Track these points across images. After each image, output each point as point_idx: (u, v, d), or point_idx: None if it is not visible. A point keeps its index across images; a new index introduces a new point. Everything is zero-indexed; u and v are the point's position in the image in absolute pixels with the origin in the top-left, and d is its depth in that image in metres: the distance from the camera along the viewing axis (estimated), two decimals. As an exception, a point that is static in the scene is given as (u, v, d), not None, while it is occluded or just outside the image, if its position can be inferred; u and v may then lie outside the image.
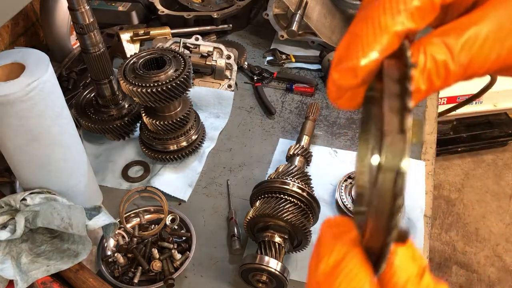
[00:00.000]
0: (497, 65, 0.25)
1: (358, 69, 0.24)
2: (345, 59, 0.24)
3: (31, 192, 0.65)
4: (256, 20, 1.19)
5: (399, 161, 0.21)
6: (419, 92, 0.24)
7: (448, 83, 0.24)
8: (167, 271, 0.66)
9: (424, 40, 0.24)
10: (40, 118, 0.60)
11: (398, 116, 0.21)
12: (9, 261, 0.61)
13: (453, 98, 1.78)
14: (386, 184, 0.21)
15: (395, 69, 0.23)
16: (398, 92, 0.22)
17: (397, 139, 0.21)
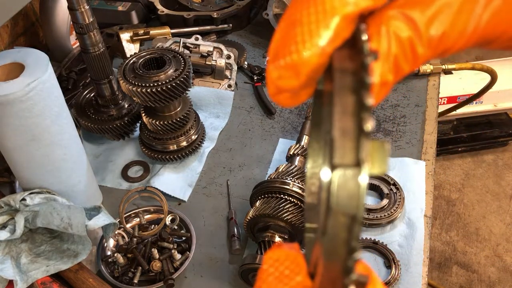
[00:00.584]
0: (475, 38, 0.21)
1: (300, 66, 0.18)
2: (283, 53, 0.19)
3: (30, 192, 0.65)
4: (256, 20, 1.19)
5: (355, 204, 0.16)
6: (386, 85, 0.20)
7: (417, 64, 0.20)
8: (167, 271, 0.66)
9: (384, 15, 0.19)
10: (39, 118, 0.60)
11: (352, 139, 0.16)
12: (9, 261, 0.61)
13: (454, 98, 1.77)
14: (338, 232, 0.17)
15: (348, 60, 0.18)
16: (353, 87, 0.17)
17: (351, 176, 0.16)
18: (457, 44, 0.21)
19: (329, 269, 0.18)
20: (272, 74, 0.19)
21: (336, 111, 0.17)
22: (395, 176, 0.78)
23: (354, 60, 0.18)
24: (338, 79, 0.18)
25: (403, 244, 0.70)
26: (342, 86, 0.17)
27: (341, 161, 0.16)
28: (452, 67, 1.02)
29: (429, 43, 0.20)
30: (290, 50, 0.18)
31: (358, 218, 0.17)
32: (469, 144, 1.96)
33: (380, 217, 0.72)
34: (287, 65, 0.19)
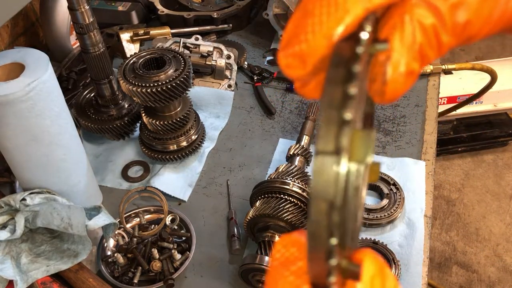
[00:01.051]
0: (501, 24, 0.20)
1: (307, 56, 0.19)
2: (293, 42, 0.19)
3: (31, 192, 0.65)
4: (256, 20, 1.19)
5: (333, 190, 0.16)
6: (412, 74, 0.20)
7: (442, 52, 0.20)
8: (167, 271, 0.66)
9: (407, 4, 0.19)
10: (39, 118, 0.60)
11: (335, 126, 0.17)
12: (9, 261, 0.61)
13: (453, 98, 1.77)
14: (319, 217, 0.17)
15: (347, 50, 0.18)
16: (343, 77, 0.17)
17: (329, 164, 0.16)
18: (483, 31, 0.20)
19: (314, 254, 0.18)
20: (281, 62, 0.20)
21: (324, 101, 0.17)
22: (395, 176, 0.78)
23: (352, 50, 0.18)
24: (330, 70, 0.18)
25: (403, 244, 0.70)
26: (332, 76, 0.18)
27: (322, 148, 0.17)
28: (452, 67, 1.02)
29: (453, 31, 0.20)
30: (299, 39, 0.19)
31: (337, 205, 0.17)
32: (469, 144, 1.96)
33: (380, 217, 0.72)
34: (295, 54, 0.19)
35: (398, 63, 0.19)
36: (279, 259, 0.21)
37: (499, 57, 2.15)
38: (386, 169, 0.81)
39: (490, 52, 2.47)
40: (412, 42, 0.19)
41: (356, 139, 0.17)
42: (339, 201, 0.17)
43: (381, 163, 0.82)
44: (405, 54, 0.19)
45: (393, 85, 0.20)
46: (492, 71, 1.15)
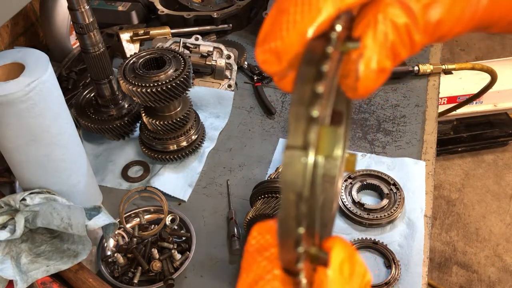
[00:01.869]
0: (472, 24, 0.21)
1: (282, 52, 0.19)
2: (269, 39, 0.20)
3: (30, 192, 0.65)
4: (256, 19, 1.19)
5: (300, 182, 0.17)
6: (384, 71, 0.20)
7: (415, 50, 0.21)
8: (167, 271, 0.66)
9: (381, 3, 0.20)
10: (39, 118, 0.60)
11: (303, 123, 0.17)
12: (9, 261, 0.61)
13: (453, 98, 1.78)
14: (288, 208, 0.18)
15: (317, 48, 0.18)
16: (311, 77, 0.18)
17: (297, 158, 0.17)
18: (454, 30, 0.21)
19: (284, 242, 0.19)
20: (258, 57, 0.21)
21: (294, 97, 0.18)
22: (395, 176, 0.78)
23: (322, 48, 0.18)
24: (300, 67, 0.18)
25: (403, 244, 0.70)
26: (302, 74, 0.18)
27: (291, 143, 0.18)
28: (452, 67, 1.02)
29: (425, 30, 0.20)
30: (275, 36, 0.20)
31: (304, 196, 0.18)
32: (469, 144, 1.96)
33: (380, 217, 0.72)
34: (271, 50, 0.20)
35: (370, 60, 0.20)
36: (254, 245, 0.22)
37: (499, 57, 2.15)
38: (386, 169, 0.81)
39: (490, 52, 2.47)
40: (385, 40, 0.20)
41: (323, 134, 0.18)
42: (307, 193, 0.18)
43: (382, 163, 0.82)
44: (377, 51, 0.20)
45: (364, 81, 0.20)
46: (492, 71, 1.15)
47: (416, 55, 1.05)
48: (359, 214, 0.73)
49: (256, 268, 0.21)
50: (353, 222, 0.73)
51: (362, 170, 0.79)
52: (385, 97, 0.97)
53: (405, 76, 0.99)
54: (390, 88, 0.98)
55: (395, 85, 0.99)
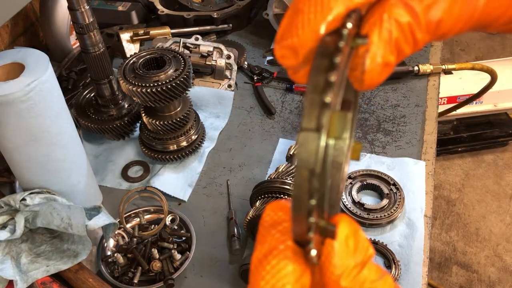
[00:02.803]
0: (471, 23, 0.23)
1: (299, 48, 0.22)
2: (286, 36, 0.22)
3: (30, 192, 0.65)
4: (256, 20, 1.19)
5: (313, 160, 0.20)
6: (388, 65, 0.22)
7: (418, 47, 0.23)
8: (167, 271, 0.66)
9: (386, 3, 0.22)
10: (39, 118, 0.60)
11: (317, 109, 0.20)
12: (9, 261, 0.61)
13: (454, 98, 1.78)
14: (302, 183, 0.20)
15: (330, 43, 0.21)
16: (324, 68, 0.20)
17: (311, 138, 0.20)
18: (454, 29, 0.23)
19: (296, 213, 0.21)
20: (277, 53, 0.23)
21: (309, 86, 0.21)
22: (395, 176, 0.78)
23: (335, 43, 0.21)
24: (315, 60, 0.21)
25: (403, 244, 0.70)
26: (317, 66, 0.21)
27: (306, 126, 0.20)
28: (452, 67, 1.02)
29: (427, 28, 0.22)
30: (292, 33, 0.22)
31: (316, 172, 0.20)
32: (469, 144, 1.96)
33: (380, 217, 0.72)
34: (288, 46, 0.22)
35: (376, 55, 0.22)
36: (268, 221, 0.24)
37: (499, 57, 2.15)
38: (386, 169, 0.81)
39: (490, 52, 2.47)
40: (389, 38, 0.22)
41: (334, 118, 0.20)
42: (319, 169, 0.20)
43: (382, 163, 0.82)
44: (382, 47, 0.22)
45: (370, 74, 0.22)
46: (492, 71, 1.15)
47: (416, 55, 1.05)
48: (359, 214, 0.73)
49: (270, 240, 0.23)
50: (353, 222, 0.73)
51: (362, 170, 0.79)
52: (385, 97, 0.97)
53: (405, 76, 0.99)
54: (390, 88, 0.98)
55: (395, 85, 0.99)
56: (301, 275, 0.22)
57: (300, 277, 0.22)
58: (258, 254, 0.23)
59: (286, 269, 0.22)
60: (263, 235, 0.24)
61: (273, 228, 0.24)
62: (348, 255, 0.22)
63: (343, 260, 0.22)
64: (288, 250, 0.23)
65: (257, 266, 0.23)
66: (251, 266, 0.24)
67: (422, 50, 1.07)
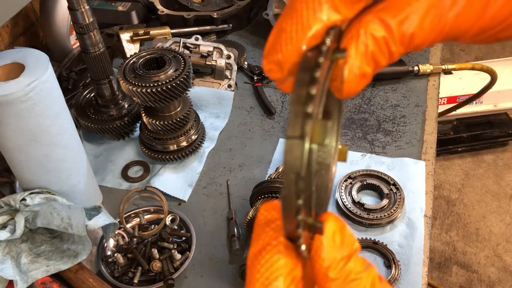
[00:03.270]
0: (442, 36, 0.25)
1: (283, 63, 0.24)
2: (272, 52, 0.25)
3: (31, 192, 0.65)
4: (256, 20, 1.19)
5: (299, 165, 0.22)
6: (365, 76, 0.24)
7: (393, 58, 0.25)
8: (167, 271, 0.66)
9: (362, 19, 0.24)
10: (39, 118, 0.60)
11: (300, 118, 0.22)
12: (9, 261, 0.61)
13: (453, 98, 1.78)
14: (289, 185, 0.22)
15: (311, 58, 0.23)
16: (306, 81, 0.22)
17: (296, 146, 0.22)
18: (427, 41, 0.25)
19: (286, 213, 0.23)
20: (264, 67, 0.26)
21: (292, 98, 0.23)
22: (395, 176, 0.78)
23: (316, 58, 0.23)
24: (298, 74, 0.23)
25: (403, 244, 0.70)
26: (299, 80, 0.23)
27: (291, 134, 0.22)
28: (452, 67, 1.02)
29: (401, 41, 0.24)
30: (276, 50, 0.25)
31: (302, 175, 0.22)
32: (469, 144, 1.96)
33: (380, 217, 0.72)
34: (274, 61, 0.25)
35: (353, 66, 0.24)
36: (262, 220, 0.26)
37: (499, 57, 2.15)
38: (386, 169, 0.81)
39: (490, 52, 2.47)
40: (366, 51, 0.24)
41: (316, 127, 0.23)
42: (304, 172, 0.22)
43: (382, 163, 0.82)
44: (359, 60, 0.24)
45: (348, 84, 0.25)
46: (492, 71, 1.15)
47: (416, 55, 1.05)
48: (359, 214, 0.73)
49: (264, 237, 0.25)
50: (353, 222, 0.73)
51: (362, 170, 0.79)
52: (385, 97, 0.97)
53: (405, 76, 0.99)
54: (390, 88, 0.98)
55: (395, 85, 0.99)
56: (293, 268, 0.24)
57: (292, 270, 0.24)
58: (254, 250, 0.25)
59: (279, 262, 0.24)
60: (258, 232, 0.26)
61: (267, 226, 0.26)
62: (335, 249, 0.24)
63: (330, 253, 0.24)
64: (281, 245, 0.25)
65: (253, 261, 0.25)
66: (248, 261, 0.26)
67: (422, 50, 1.07)
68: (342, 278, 0.24)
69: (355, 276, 0.24)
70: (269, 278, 0.24)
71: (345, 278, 0.24)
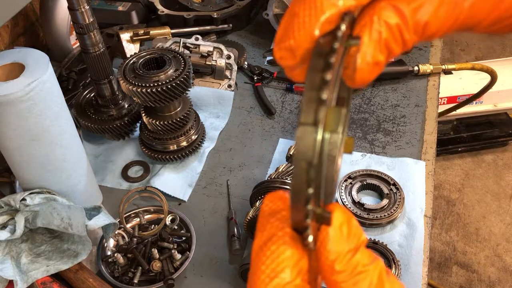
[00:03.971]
0: (456, 25, 0.25)
1: (296, 49, 0.23)
2: (284, 39, 0.24)
3: (31, 192, 0.65)
4: (256, 20, 1.19)
5: (311, 153, 0.21)
6: (378, 64, 0.24)
7: (406, 46, 0.24)
8: (167, 271, 0.66)
9: (376, 6, 0.24)
10: (39, 118, 0.60)
11: (314, 104, 0.21)
12: (9, 261, 0.61)
13: (454, 98, 1.78)
14: (300, 174, 0.22)
15: (326, 44, 0.22)
16: (320, 68, 0.22)
17: (309, 132, 0.21)
18: (441, 30, 0.24)
19: (295, 202, 0.23)
20: (276, 54, 0.25)
21: (306, 84, 0.22)
22: (395, 176, 0.78)
23: (330, 44, 0.22)
24: (312, 60, 0.23)
25: (403, 244, 0.70)
26: (314, 65, 0.22)
27: (304, 121, 0.22)
28: (452, 67, 1.02)
29: (415, 29, 0.24)
30: (289, 36, 0.24)
31: (314, 163, 0.21)
32: (469, 144, 1.96)
33: (380, 217, 0.72)
34: (286, 48, 0.24)
35: (366, 54, 0.24)
36: (267, 210, 0.26)
37: (499, 57, 2.15)
38: (386, 169, 0.81)
39: (490, 52, 2.47)
40: (379, 38, 0.23)
41: (330, 114, 0.22)
42: (316, 161, 0.22)
43: (382, 163, 0.82)
44: (372, 47, 0.24)
45: (361, 72, 0.24)
46: (492, 71, 1.15)
47: (416, 55, 1.05)
48: (359, 214, 0.73)
49: (269, 228, 0.25)
50: (353, 222, 0.73)
51: (362, 170, 0.79)
52: (385, 97, 0.97)
53: (405, 76, 0.99)
54: (390, 88, 0.98)
55: (395, 85, 0.99)
56: (299, 260, 0.24)
57: (298, 261, 0.24)
58: (259, 242, 0.25)
59: (285, 253, 0.24)
60: (263, 224, 0.25)
61: (272, 217, 0.25)
62: (342, 241, 0.24)
63: (337, 246, 0.24)
64: (287, 236, 0.24)
65: (258, 253, 0.24)
66: (252, 253, 0.25)
67: (422, 50, 1.07)
68: (349, 271, 0.23)
69: (362, 269, 0.23)
70: (275, 270, 0.23)
71: (352, 271, 0.23)
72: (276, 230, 0.24)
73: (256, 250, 0.25)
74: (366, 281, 0.23)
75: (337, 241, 0.24)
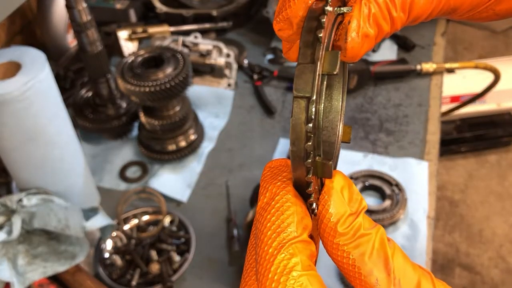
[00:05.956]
0: (441, 6, 0.27)
1: (292, 18, 0.25)
2: (281, 10, 0.26)
3: (27, 193, 0.64)
4: (256, 17, 1.18)
5: (309, 89, 0.22)
6: (368, 37, 0.26)
7: (395, 25, 0.26)
8: (166, 273, 0.66)
9: None
10: (36, 117, 0.59)
11: (310, 49, 0.22)
12: (6, 263, 0.60)
13: (457, 97, 1.76)
14: (299, 112, 0.22)
15: (318, 9, 0.24)
16: (314, 27, 0.23)
17: (307, 69, 0.22)
18: (426, 10, 0.27)
19: (296, 143, 0.23)
20: (275, 27, 0.26)
21: (303, 31, 0.23)
22: (397, 176, 0.77)
23: (321, 8, 0.24)
24: (305, 22, 0.24)
25: (406, 246, 0.69)
26: (307, 26, 0.24)
27: (302, 61, 0.23)
28: (455, 66, 1.01)
29: (402, 7, 0.26)
30: (285, 7, 0.26)
31: (312, 99, 0.22)
32: (472, 144, 1.95)
33: (382, 219, 0.71)
34: (283, 18, 0.26)
35: (356, 26, 0.25)
36: (269, 175, 0.27)
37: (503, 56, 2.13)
38: (389, 169, 0.79)
39: (494, 51, 2.45)
40: (368, 13, 0.25)
41: (326, 55, 0.23)
42: (314, 97, 0.22)
43: (384, 164, 0.81)
44: (362, 20, 0.25)
45: (351, 43, 0.25)
46: (495, 70, 1.14)
47: (419, 54, 1.04)
48: (361, 215, 0.72)
49: (272, 188, 0.25)
50: (354, 224, 0.72)
51: (364, 170, 0.78)
52: (388, 96, 0.95)
53: (407, 75, 0.98)
54: (393, 87, 0.97)
55: (398, 84, 0.97)
56: (303, 217, 0.24)
57: (302, 218, 0.24)
58: (261, 203, 0.25)
59: (289, 210, 0.24)
60: (265, 186, 0.26)
61: (274, 178, 0.26)
62: (343, 204, 0.24)
63: (339, 208, 0.24)
64: (290, 193, 0.25)
65: (261, 213, 0.25)
66: (256, 215, 0.25)
67: (425, 49, 1.05)
68: (351, 233, 0.24)
69: (364, 232, 0.24)
70: (281, 226, 0.23)
71: (354, 233, 0.24)
72: (279, 189, 0.25)
73: (259, 212, 0.25)
74: (368, 244, 0.23)
75: (339, 204, 0.24)
